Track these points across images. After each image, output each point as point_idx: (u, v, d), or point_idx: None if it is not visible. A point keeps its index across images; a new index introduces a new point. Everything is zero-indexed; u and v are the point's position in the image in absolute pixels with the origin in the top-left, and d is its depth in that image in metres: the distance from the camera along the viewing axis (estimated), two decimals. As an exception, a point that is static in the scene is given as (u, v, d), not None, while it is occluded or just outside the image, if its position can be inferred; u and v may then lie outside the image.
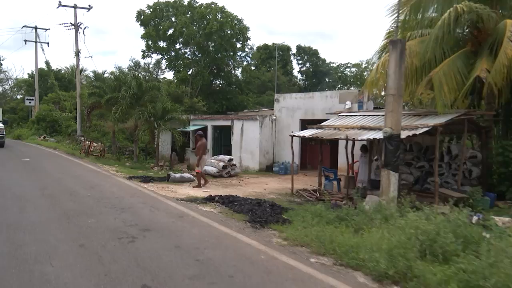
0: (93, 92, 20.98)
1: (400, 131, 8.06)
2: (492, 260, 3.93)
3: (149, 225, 6.30)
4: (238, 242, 5.57)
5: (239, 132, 17.19)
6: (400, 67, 7.86)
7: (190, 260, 4.70)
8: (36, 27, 34.25)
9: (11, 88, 45.26)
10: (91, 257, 4.75)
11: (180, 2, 35.94)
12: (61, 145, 24.38)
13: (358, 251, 4.82)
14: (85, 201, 8.18)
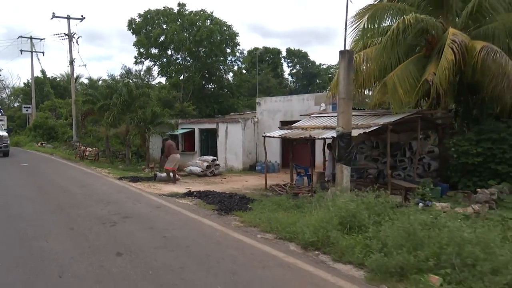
0: (87, 99, 22.14)
1: (351, 130, 9.23)
2: (388, 231, 5.08)
3: (130, 213, 7.47)
4: (201, 225, 6.74)
5: (224, 134, 18.37)
6: (348, 74, 9.04)
7: (158, 237, 5.87)
8: (31, 37, 35.40)
9: (8, 96, 46.35)
10: (78, 237, 5.91)
11: (170, 10, 37.10)
12: (57, 150, 25.52)
13: (295, 228, 5.99)
14: (77, 197, 9.34)
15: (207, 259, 4.90)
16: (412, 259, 4.41)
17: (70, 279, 4.23)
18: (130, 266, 4.61)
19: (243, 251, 5.26)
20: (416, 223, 4.83)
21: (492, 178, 10.55)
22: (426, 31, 11.92)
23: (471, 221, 6.07)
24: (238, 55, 44.17)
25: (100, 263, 4.71)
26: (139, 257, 4.92)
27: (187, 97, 36.95)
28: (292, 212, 7.20)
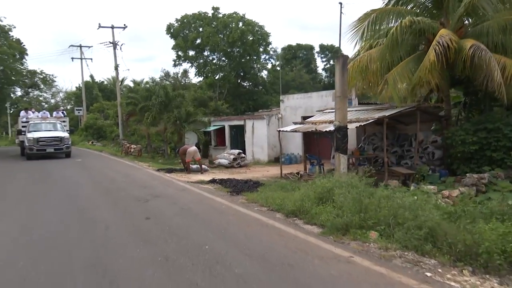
0: (130, 101, 24.69)
1: (347, 124, 10.67)
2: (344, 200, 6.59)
3: (159, 194, 9.42)
4: (213, 201, 8.55)
5: (251, 130, 20.14)
6: (343, 76, 10.48)
7: (177, 209, 7.73)
8: (80, 46, 38.81)
9: (62, 100, 50.71)
10: (119, 208, 7.89)
11: (205, 14, 39.31)
12: (106, 148, 28.44)
13: (283, 202, 7.63)
14: (120, 184, 11.46)
15: (208, 221, 6.69)
16: (356, 219, 5.94)
17: (112, 231, 6.14)
18: (154, 225, 6.47)
19: (238, 217, 7.00)
20: (364, 194, 6.34)
21: (488, 165, 11.55)
22: (426, 31, 13.05)
23: (427, 197, 7.42)
24: (271, 53, 45.67)
25: (134, 223, 6.62)
26: (161, 221, 6.78)
27: (222, 96, 39.13)
28: (288, 191, 8.82)
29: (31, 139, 20.14)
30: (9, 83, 26.72)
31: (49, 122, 22.59)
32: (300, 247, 5.17)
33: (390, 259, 4.75)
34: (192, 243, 5.36)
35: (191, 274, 4.23)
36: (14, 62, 25.11)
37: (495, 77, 10.31)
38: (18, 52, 26.03)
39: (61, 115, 25.83)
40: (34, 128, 21.13)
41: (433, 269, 4.46)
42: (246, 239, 5.59)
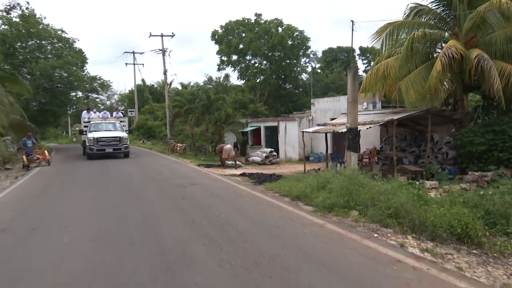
0: (175, 104, 27.27)
1: (357, 126, 12.21)
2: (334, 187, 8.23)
3: (196, 183, 11.50)
4: (237, 188, 10.48)
5: (284, 130, 21.92)
6: (354, 84, 12.04)
7: (208, 193, 9.74)
8: (133, 52, 42.30)
9: (116, 102, 54.96)
10: (162, 192, 10.02)
11: (248, 20, 41.48)
12: (155, 146, 31.34)
13: (292, 189, 9.39)
14: (166, 175, 13.70)
15: (229, 201, 8.63)
16: (341, 201, 7.61)
17: (157, 205, 8.24)
18: (187, 202, 8.51)
19: (253, 199, 8.88)
20: (352, 183, 7.98)
21: (495, 164, 12.63)
22: (438, 41, 14.24)
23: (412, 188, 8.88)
24: (311, 56, 47.01)
25: (173, 201, 8.70)
26: (194, 200, 8.80)
27: (263, 98, 41.14)
28: (299, 182, 10.55)
29: (91, 139, 20.62)
30: (72, 88, 30.21)
31: (109, 122, 23.10)
32: (291, 217, 6.97)
33: (355, 227, 6.42)
34: (213, 214, 7.31)
35: (208, 229, 6.17)
36: (77, 70, 28.48)
37: (494, 84, 11.48)
38: (80, 61, 29.44)
39: (120, 115, 26.35)
40: (95, 128, 21.79)
41: (383, 234, 6.08)
42: (253, 212, 7.46)
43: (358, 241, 5.55)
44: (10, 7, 29.63)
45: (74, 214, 7.69)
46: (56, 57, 28.23)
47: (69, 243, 5.72)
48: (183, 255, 4.95)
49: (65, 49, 29.01)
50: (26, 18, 28.38)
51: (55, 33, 28.90)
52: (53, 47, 29.42)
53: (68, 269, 4.59)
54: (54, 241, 5.81)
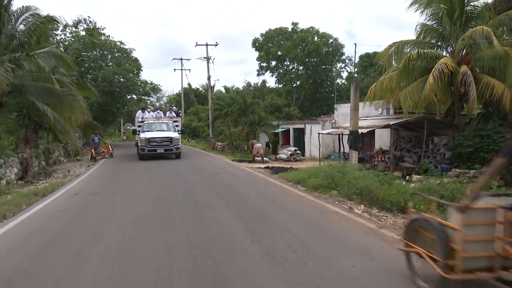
0: (216, 107, 30.86)
1: (358, 129, 14.94)
2: (323, 174, 11.13)
3: (226, 171, 14.80)
4: (257, 176, 13.65)
5: (309, 132, 24.78)
6: (356, 94, 14.79)
7: (233, 178, 12.98)
8: (181, 59, 46.66)
9: (165, 103, 59.84)
10: (201, 177, 13.39)
11: (285, 29, 44.54)
12: (198, 144, 35.22)
13: (296, 176, 12.38)
14: (205, 166, 17.14)
15: (247, 183, 11.84)
16: (325, 183, 10.52)
17: (196, 185, 11.58)
18: (217, 183, 11.80)
19: (265, 182, 12.01)
20: (334, 171, 10.86)
21: (481, 164, 14.90)
22: (435, 58, 16.63)
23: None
24: (347, 62, 49.19)
25: (207, 183, 12.04)
26: (221, 181, 12.08)
27: (299, 101, 44.01)
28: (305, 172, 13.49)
29: (143, 139, 20.43)
30: (128, 92, 34.68)
31: (162, 122, 22.93)
32: (285, 192, 10.06)
33: (327, 199, 9.36)
34: (234, 189, 10.56)
35: (227, 196, 9.40)
36: (133, 76, 32.86)
37: (471, 96, 13.88)
38: (136, 68, 33.83)
39: (173, 114, 26.22)
40: (148, 128, 21.69)
41: (344, 202, 8.98)
42: (261, 189, 10.64)
43: (321, 204, 8.53)
44: (78, 22, 34.60)
45: (139, 186, 11.24)
46: (116, 65, 32.78)
47: (139, 200, 9.14)
48: (208, 206, 8.22)
49: (123, 58, 33.50)
50: (91, 31, 33.09)
51: (115, 44, 33.47)
52: (113, 56, 34.04)
53: (140, 212, 7.93)
54: (129, 199, 9.27)
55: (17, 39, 15.88)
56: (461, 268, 3.66)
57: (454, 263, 3.69)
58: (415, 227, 4.26)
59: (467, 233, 3.68)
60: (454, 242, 3.71)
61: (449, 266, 3.71)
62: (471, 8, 16.74)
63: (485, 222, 3.78)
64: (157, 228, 6.46)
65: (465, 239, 3.67)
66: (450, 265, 3.71)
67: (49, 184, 12.28)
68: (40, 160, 18.07)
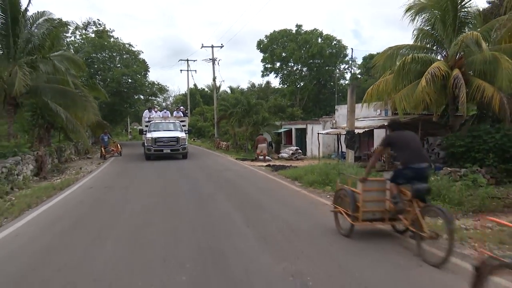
0: (221, 108, 31.77)
1: (354, 129, 15.76)
2: (319, 171, 11.96)
3: (229, 169, 15.70)
4: (257, 173, 14.52)
5: (310, 132, 25.60)
6: (352, 97, 15.60)
7: (236, 175, 13.87)
8: (187, 60, 47.55)
9: (171, 103, 60.91)
10: (205, 174, 14.31)
11: (289, 31, 45.35)
12: (203, 144, 36.16)
13: (293, 174, 13.22)
14: (209, 164, 18.05)
15: (248, 179, 12.72)
16: (319, 179, 11.35)
17: (201, 181, 12.48)
18: (220, 179, 12.67)
19: (265, 178, 12.88)
20: (330, 168, 11.68)
21: (473, 163, 15.63)
22: (429, 62, 17.38)
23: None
24: (350, 63, 49.89)
25: (211, 179, 12.93)
26: (224, 178, 12.97)
27: (303, 102, 44.79)
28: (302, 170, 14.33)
29: (150, 139, 20.23)
30: (136, 92, 35.70)
31: (169, 122, 22.72)
32: (282, 187, 10.94)
33: (319, 193, 10.18)
34: (235, 184, 11.45)
35: (228, 190, 10.29)
36: (141, 78, 33.88)
37: (460, 98, 14.63)
38: (144, 70, 34.86)
39: (180, 114, 26.02)
40: (155, 128, 21.45)
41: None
42: (260, 184, 11.51)
43: (313, 197, 9.39)
44: (87, 24, 35.69)
45: (148, 181, 12.18)
46: (124, 66, 33.82)
47: (148, 193, 10.07)
48: (210, 198, 9.12)
49: (132, 60, 34.54)
50: (101, 34, 34.15)
51: (124, 46, 34.52)
52: (121, 58, 35.09)
53: (150, 203, 8.83)
54: (139, 192, 10.20)
55: (32, 43, 16.84)
56: (362, 218, 5.60)
57: (358, 215, 5.58)
58: (339, 195, 6.17)
59: (365, 196, 5.63)
60: (359, 202, 5.58)
61: (356, 217, 5.60)
62: (464, 13, 17.46)
63: (378, 189, 5.78)
64: (165, 216, 7.36)
65: (364, 200, 5.60)
66: (356, 217, 5.60)
67: (64, 180, 13.24)
68: (53, 158, 19.04)
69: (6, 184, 11.25)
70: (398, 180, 5.36)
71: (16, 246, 5.55)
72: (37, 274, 4.42)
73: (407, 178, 5.22)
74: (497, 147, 15.18)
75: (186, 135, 22.45)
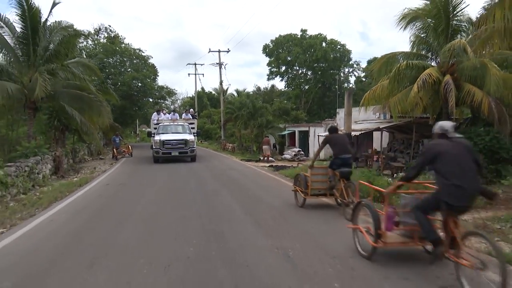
0: (227, 111, 32.94)
1: (351, 132, 16.76)
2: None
3: (233, 168, 16.81)
4: (259, 172, 15.63)
5: (313, 134, 26.62)
6: (349, 101, 16.62)
7: (240, 174, 15.00)
8: (195, 64, 48.82)
9: (179, 106, 62.28)
10: (211, 173, 15.44)
11: (294, 35, 46.46)
12: (210, 145, 37.36)
13: (291, 173, 14.28)
14: (215, 165, 19.19)
15: (250, 177, 13.84)
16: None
17: (206, 178, 13.61)
18: (224, 177, 13.80)
19: (267, 177, 13.98)
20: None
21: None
22: (422, 68, 18.35)
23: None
24: (354, 66, 50.83)
25: (215, 176, 14.07)
26: (228, 176, 14.10)
27: (307, 105, 45.81)
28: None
29: (158, 142, 20.11)
30: (145, 95, 37.01)
31: (177, 124, 22.50)
32: (281, 184, 12.07)
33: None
34: (238, 182, 12.57)
35: (231, 186, 11.41)
36: (150, 82, 35.20)
37: (450, 102, 15.59)
38: (153, 74, 36.19)
39: (189, 116, 25.64)
40: (163, 130, 21.32)
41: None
42: (261, 181, 12.63)
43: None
44: (98, 30, 37.11)
45: (159, 179, 13.36)
46: (134, 71, 35.17)
47: (159, 188, 11.26)
48: (214, 193, 10.26)
49: (141, 64, 35.89)
50: (113, 40, 35.53)
51: (134, 52, 35.88)
52: (131, 63, 36.45)
53: (161, 196, 9.98)
54: (151, 188, 11.38)
55: (50, 51, 18.10)
56: (310, 193, 8.11)
57: (308, 191, 8.10)
58: (298, 178, 8.72)
59: (312, 178, 8.15)
60: (309, 182, 8.07)
61: (306, 193, 8.12)
62: (457, 22, 18.38)
63: (321, 173, 8.30)
64: (175, 207, 8.50)
65: (311, 180, 8.12)
66: (306, 192, 8.11)
67: (82, 178, 14.44)
68: (68, 158, 20.31)
69: (28, 181, 12.45)
70: (332, 166, 7.97)
71: (52, 229, 6.70)
72: (74, 248, 5.57)
73: (338, 164, 7.82)
74: (487, 148, 16.06)
75: (195, 137, 22.32)
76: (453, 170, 4.03)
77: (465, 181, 3.99)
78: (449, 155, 4.11)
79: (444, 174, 4.06)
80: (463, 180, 3.98)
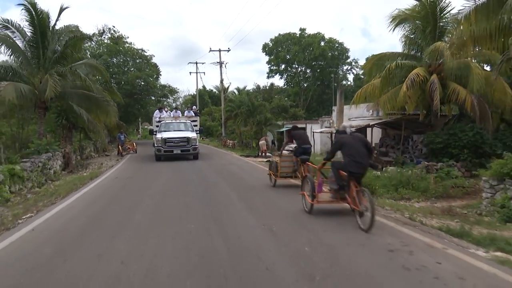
0: (228, 109, 34.03)
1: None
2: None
3: (233, 163, 17.93)
4: (256, 166, 16.76)
5: (309, 130, 27.66)
6: (340, 100, 17.67)
7: (238, 168, 16.13)
8: (196, 62, 49.85)
9: (181, 104, 63.39)
10: (212, 167, 16.54)
11: (293, 34, 47.43)
12: (211, 142, 38.46)
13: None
14: (216, 161, 20.30)
15: (247, 171, 14.97)
16: (307, 170, 13.48)
17: (207, 172, 14.70)
18: (224, 171, 14.90)
19: (263, 171, 14.99)
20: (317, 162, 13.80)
21: (450, 158, 17.55)
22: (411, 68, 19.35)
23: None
24: (352, 64, 51.77)
25: (216, 170, 15.18)
26: (227, 170, 15.21)
27: (306, 102, 46.82)
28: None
29: (160, 140, 19.96)
30: (148, 94, 38.12)
31: (180, 122, 22.37)
32: (274, 177, 13.09)
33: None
34: (236, 175, 13.71)
35: (230, 179, 12.53)
36: (153, 81, 36.29)
37: (434, 100, 16.61)
38: (155, 73, 37.29)
39: (192, 114, 25.57)
40: (165, 128, 21.20)
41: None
42: (257, 174, 13.75)
43: (297, 183, 11.51)
44: (103, 31, 38.18)
45: (163, 173, 14.51)
46: (137, 70, 36.28)
47: (164, 180, 12.39)
48: (214, 184, 11.39)
49: (144, 64, 36.99)
50: (116, 40, 36.61)
51: (137, 52, 36.97)
52: (134, 62, 37.55)
53: (166, 187, 11.09)
54: (157, 180, 12.51)
55: (58, 53, 19.16)
56: (279, 175, 10.74)
57: (278, 174, 10.72)
58: (271, 163, 11.44)
59: (281, 164, 10.80)
60: (278, 167, 10.70)
61: (276, 175, 10.75)
62: (444, 23, 19.34)
63: (288, 160, 10.84)
64: (179, 195, 9.62)
65: (280, 166, 10.76)
66: (276, 175, 10.73)
67: (91, 172, 15.56)
68: (76, 155, 21.43)
69: (42, 176, 13.55)
70: (297, 154, 10.43)
71: (74, 213, 7.82)
72: (96, 226, 6.69)
73: (300, 153, 10.33)
74: (471, 143, 17.00)
75: (197, 135, 22.07)
76: (352, 152, 6.53)
77: (359, 158, 6.45)
78: (349, 144, 6.69)
79: (348, 154, 6.57)
80: (358, 158, 6.44)
